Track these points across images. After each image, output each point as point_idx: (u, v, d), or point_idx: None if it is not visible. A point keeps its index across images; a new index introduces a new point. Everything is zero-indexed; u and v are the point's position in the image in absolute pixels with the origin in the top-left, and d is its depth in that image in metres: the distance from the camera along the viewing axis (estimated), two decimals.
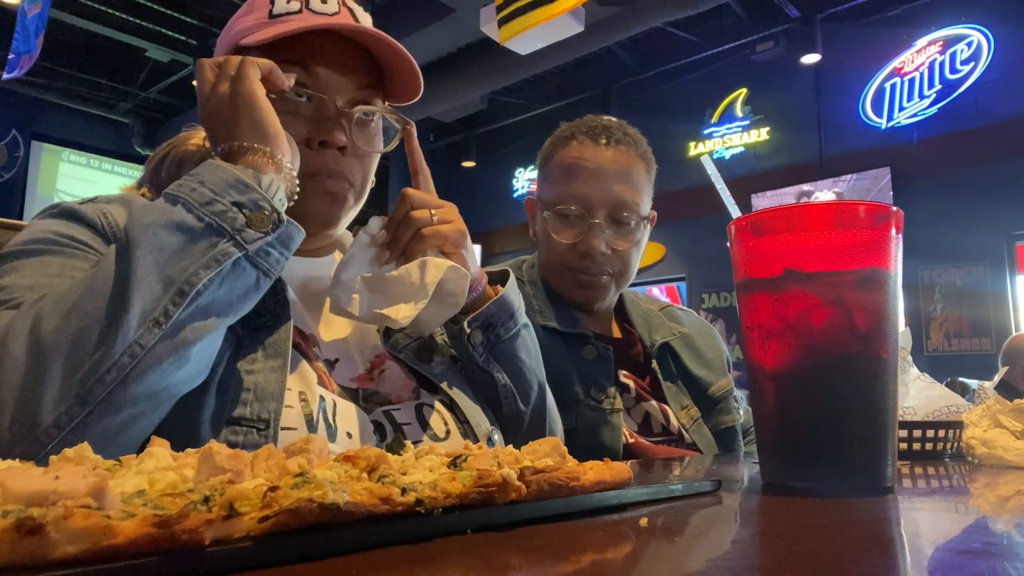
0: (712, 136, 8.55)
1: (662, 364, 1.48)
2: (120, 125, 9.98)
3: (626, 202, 1.40)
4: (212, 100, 0.79)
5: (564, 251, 1.42)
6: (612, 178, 1.40)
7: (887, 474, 0.67)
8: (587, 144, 1.42)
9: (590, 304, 1.47)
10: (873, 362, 0.67)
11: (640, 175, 1.45)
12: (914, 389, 1.13)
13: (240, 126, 0.77)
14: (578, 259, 1.41)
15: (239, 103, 0.77)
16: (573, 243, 1.40)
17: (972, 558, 0.42)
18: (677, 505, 0.60)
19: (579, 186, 1.40)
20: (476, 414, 0.93)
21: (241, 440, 0.74)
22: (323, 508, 0.38)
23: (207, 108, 0.80)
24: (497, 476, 0.47)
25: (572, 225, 1.41)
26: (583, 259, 1.40)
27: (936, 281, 6.92)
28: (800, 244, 0.68)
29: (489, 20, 5.37)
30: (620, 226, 1.42)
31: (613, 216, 1.40)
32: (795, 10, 7.35)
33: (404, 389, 0.92)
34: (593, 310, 1.49)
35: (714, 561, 0.43)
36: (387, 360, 0.95)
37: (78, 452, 0.45)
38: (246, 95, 0.77)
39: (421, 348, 0.98)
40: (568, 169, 1.42)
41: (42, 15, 5.45)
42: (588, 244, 1.39)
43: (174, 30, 8.06)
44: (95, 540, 0.32)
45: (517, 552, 0.42)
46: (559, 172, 1.44)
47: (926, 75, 7.14)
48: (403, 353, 0.96)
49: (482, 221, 10.08)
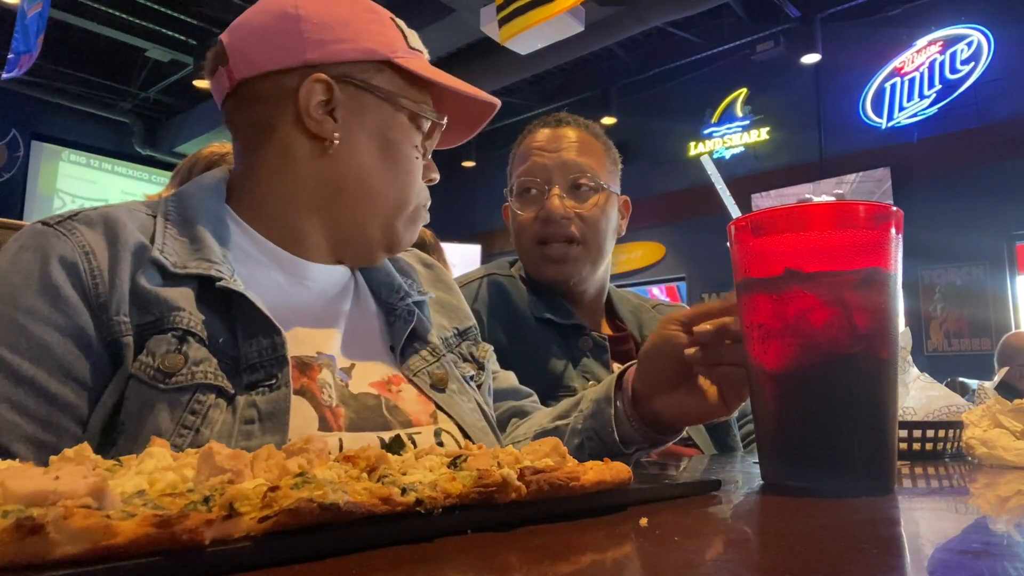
0: (712, 136, 8.55)
1: None
2: (120, 125, 9.98)
3: (580, 166, 1.43)
4: None
5: (528, 225, 1.44)
6: (565, 148, 1.45)
7: (887, 474, 0.67)
8: (542, 129, 1.49)
9: (566, 281, 1.46)
10: (873, 362, 0.67)
11: (595, 149, 1.48)
12: (914, 389, 1.13)
13: None
14: (541, 227, 1.42)
15: None
16: (535, 215, 1.43)
17: (972, 558, 0.42)
18: (677, 505, 0.60)
19: (535, 160, 1.45)
20: (485, 438, 0.92)
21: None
22: (323, 508, 0.38)
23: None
24: (497, 476, 0.47)
25: (533, 200, 1.45)
26: (545, 226, 1.42)
27: (936, 281, 6.92)
28: (800, 244, 0.68)
29: (489, 20, 5.37)
30: (578, 191, 1.44)
31: (571, 183, 1.43)
32: (795, 10, 7.35)
33: (422, 413, 0.89)
34: (577, 292, 1.48)
35: (714, 561, 0.43)
36: (402, 382, 0.92)
37: (78, 452, 0.45)
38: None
39: (437, 373, 0.95)
40: (525, 153, 1.47)
41: (42, 15, 5.45)
42: (547, 208, 1.41)
43: (174, 30, 8.06)
44: (95, 540, 0.32)
45: (517, 552, 0.42)
46: (519, 159, 1.49)
47: (926, 75, 7.14)
48: (418, 377, 0.93)
49: (482, 221, 10.08)
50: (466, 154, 10.47)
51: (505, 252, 10.18)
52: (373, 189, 0.91)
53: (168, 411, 0.71)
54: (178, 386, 0.72)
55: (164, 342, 0.73)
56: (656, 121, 8.81)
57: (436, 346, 0.98)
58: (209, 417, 0.73)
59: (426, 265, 1.15)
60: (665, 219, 8.37)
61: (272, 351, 0.77)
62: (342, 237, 0.93)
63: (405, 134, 0.92)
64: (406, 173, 0.93)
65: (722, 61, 8.22)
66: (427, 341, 0.97)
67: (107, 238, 0.77)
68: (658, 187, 8.44)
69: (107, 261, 0.76)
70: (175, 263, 0.78)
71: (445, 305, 1.09)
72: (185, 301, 0.76)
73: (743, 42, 7.84)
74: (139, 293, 0.75)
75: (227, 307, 0.79)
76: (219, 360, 0.75)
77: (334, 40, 0.88)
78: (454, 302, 1.12)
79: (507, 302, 1.46)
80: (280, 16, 0.88)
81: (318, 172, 0.89)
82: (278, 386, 0.76)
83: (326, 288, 0.93)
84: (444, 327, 1.05)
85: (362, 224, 0.92)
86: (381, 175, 0.91)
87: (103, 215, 0.80)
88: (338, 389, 0.84)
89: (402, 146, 0.92)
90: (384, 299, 0.99)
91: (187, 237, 0.82)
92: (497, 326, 1.42)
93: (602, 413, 0.91)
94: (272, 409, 0.75)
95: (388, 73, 0.91)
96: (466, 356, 1.05)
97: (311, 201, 0.90)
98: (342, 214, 0.91)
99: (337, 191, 0.90)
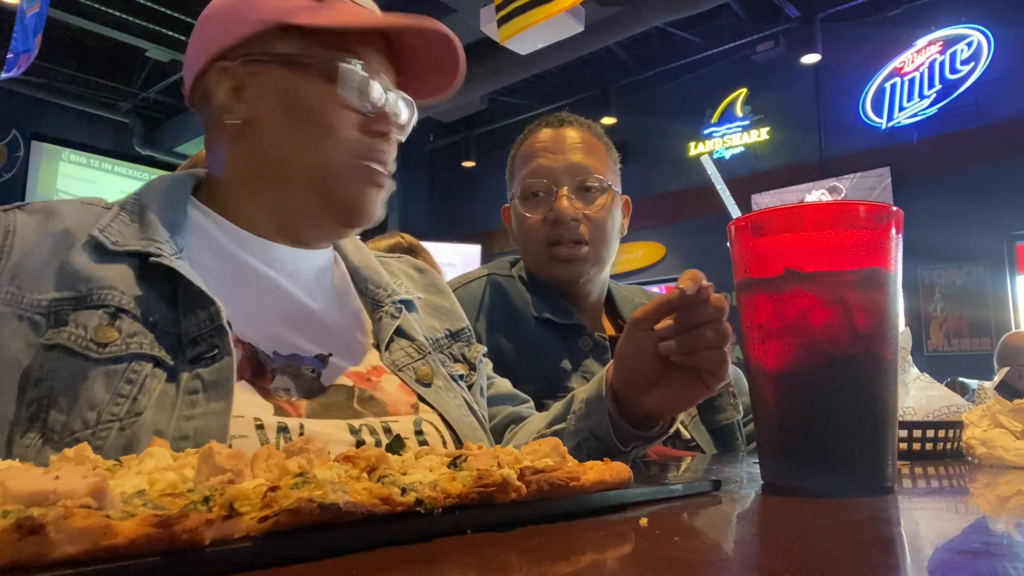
0: (712, 136, 8.54)
1: None
2: (120, 125, 9.97)
3: (587, 168, 1.44)
4: None
5: (537, 227, 1.44)
6: (571, 150, 1.45)
7: (887, 474, 0.67)
8: (544, 130, 1.49)
9: (574, 281, 1.46)
10: (873, 362, 0.67)
11: (599, 149, 1.49)
12: (914, 389, 1.13)
13: None
14: (550, 229, 1.43)
15: None
16: (543, 216, 1.43)
17: (972, 558, 0.42)
18: (677, 505, 0.59)
19: (541, 162, 1.45)
20: (473, 434, 0.91)
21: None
22: (323, 508, 0.38)
23: None
24: (497, 476, 0.47)
25: (540, 202, 1.45)
26: (555, 228, 1.42)
27: (936, 281, 6.92)
28: (800, 244, 0.68)
29: (489, 20, 5.37)
30: (586, 193, 1.44)
31: (577, 184, 1.44)
32: (795, 10, 7.35)
33: (403, 403, 0.88)
34: (581, 292, 1.49)
35: (714, 561, 0.43)
36: (384, 374, 0.91)
37: (78, 452, 0.45)
38: None
39: (422, 369, 0.94)
40: (529, 154, 1.47)
41: (40, 15, 5.44)
42: (557, 210, 1.41)
43: (174, 30, 8.05)
44: (95, 540, 0.32)
45: (517, 552, 0.42)
46: (522, 160, 1.49)
47: (926, 75, 7.14)
48: (403, 372, 0.92)
49: (482, 221, 10.07)
50: (466, 154, 10.47)
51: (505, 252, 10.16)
52: (290, 158, 0.88)
53: (103, 380, 0.71)
54: (112, 355, 0.73)
55: (95, 317, 0.74)
56: (656, 121, 8.81)
57: (422, 344, 0.97)
58: (147, 386, 0.73)
59: (418, 270, 1.15)
60: (665, 219, 8.37)
61: (209, 322, 0.77)
62: (288, 215, 0.91)
63: (315, 92, 0.87)
64: (325, 131, 0.88)
65: (722, 61, 8.21)
66: (413, 339, 0.97)
67: (38, 223, 0.81)
68: (658, 187, 8.44)
69: (26, 242, 0.78)
70: (115, 242, 0.80)
71: (437, 308, 1.09)
72: (120, 279, 0.78)
73: (743, 42, 7.84)
74: (66, 271, 0.77)
75: (172, 288, 0.80)
76: (160, 337, 0.76)
77: (228, 26, 0.90)
78: (446, 305, 1.11)
79: (507, 302, 1.46)
80: (196, 29, 0.94)
81: (244, 156, 0.90)
82: (220, 355, 0.76)
83: (297, 271, 0.93)
84: (435, 328, 1.05)
85: (297, 197, 0.90)
86: (295, 142, 0.88)
87: (47, 205, 0.84)
88: (305, 382, 0.84)
89: (313, 105, 0.87)
90: (371, 296, 0.99)
91: (137, 221, 0.84)
92: (497, 326, 1.41)
93: (596, 412, 0.91)
94: (215, 378, 0.75)
95: (293, 37, 0.88)
96: (457, 357, 1.04)
97: (249, 185, 0.91)
98: (276, 192, 0.90)
99: (261, 170, 0.90)
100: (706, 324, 0.81)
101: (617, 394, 0.90)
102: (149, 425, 0.71)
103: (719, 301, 0.82)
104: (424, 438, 0.85)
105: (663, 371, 0.86)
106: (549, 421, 1.00)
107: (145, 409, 0.72)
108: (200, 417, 0.72)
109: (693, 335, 0.82)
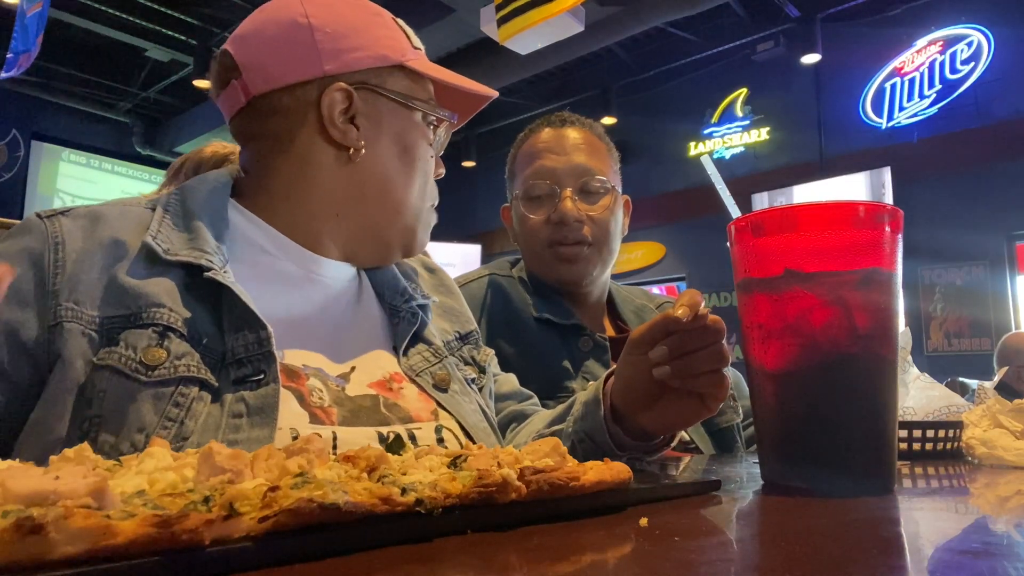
0: (712, 136, 8.54)
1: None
2: (120, 125, 9.97)
3: (590, 169, 1.44)
4: None
5: (540, 228, 1.44)
6: (573, 150, 1.45)
7: (887, 474, 0.67)
8: (546, 129, 1.49)
9: (577, 282, 1.46)
10: (873, 362, 0.67)
11: (601, 150, 1.50)
12: (914, 389, 1.13)
13: None
14: (554, 231, 1.43)
15: None
16: (547, 217, 1.43)
17: (972, 558, 0.42)
18: (677, 505, 0.59)
19: (543, 163, 1.45)
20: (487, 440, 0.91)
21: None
22: (323, 508, 0.38)
23: None
24: (497, 476, 0.47)
25: (543, 203, 1.45)
26: (559, 228, 1.42)
27: (936, 281, 6.92)
28: (800, 244, 0.68)
29: (489, 20, 5.36)
30: (589, 195, 1.45)
31: (580, 185, 1.44)
32: (795, 10, 7.34)
33: (423, 410, 0.89)
34: (582, 293, 1.49)
35: (714, 561, 0.43)
36: (404, 381, 0.91)
37: (78, 452, 0.45)
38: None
39: (439, 374, 0.95)
40: (531, 154, 1.48)
41: (41, 14, 5.45)
42: (560, 211, 1.42)
43: (174, 30, 8.05)
44: (95, 540, 0.32)
45: (517, 552, 0.42)
46: (524, 160, 1.49)
47: (926, 75, 7.13)
48: (421, 377, 0.92)
49: (482, 221, 10.07)
50: (466, 154, 10.47)
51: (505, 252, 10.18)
52: (395, 194, 0.93)
53: (152, 403, 0.71)
54: (161, 379, 0.72)
55: (144, 336, 0.74)
56: (656, 121, 8.81)
57: (439, 347, 0.98)
58: (193, 410, 0.73)
59: (429, 269, 1.15)
60: (665, 219, 8.37)
61: (258, 346, 0.77)
62: (360, 241, 0.94)
63: (421, 135, 0.94)
64: (423, 174, 0.96)
65: (722, 61, 8.21)
66: (430, 343, 0.98)
67: (85, 231, 0.79)
68: (658, 187, 8.44)
69: (77, 252, 0.77)
70: (167, 250, 0.79)
71: (447, 309, 1.09)
72: (167, 296, 0.77)
73: (743, 42, 7.84)
74: (115, 286, 0.76)
75: (216, 299, 0.79)
76: (204, 354, 0.76)
77: (349, 48, 0.88)
78: (456, 306, 1.12)
79: (507, 303, 1.45)
80: (292, 27, 0.87)
81: (341, 180, 0.90)
82: (267, 381, 0.76)
83: (333, 282, 0.93)
84: (446, 331, 1.05)
85: (383, 228, 0.94)
86: (402, 179, 0.93)
87: (91, 210, 0.82)
88: (332, 392, 0.83)
89: (419, 148, 0.94)
90: (388, 300, 0.99)
91: (184, 228, 0.83)
92: (498, 327, 1.41)
93: (592, 416, 0.90)
94: (261, 404, 0.75)
95: (399, 76, 0.92)
96: (467, 359, 1.05)
97: (333, 207, 0.90)
98: (364, 219, 0.92)
99: (360, 198, 0.91)
100: (703, 349, 0.79)
101: (616, 409, 0.89)
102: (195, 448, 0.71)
103: (717, 323, 0.79)
104: (445, 446, 0.85)
105: (661, 391, 0.84)
106: (549, 422, 1.01)
107: (192, 433, 0.72)
108: (244, 442, 0.72)
109: (689, 361, 0.80)
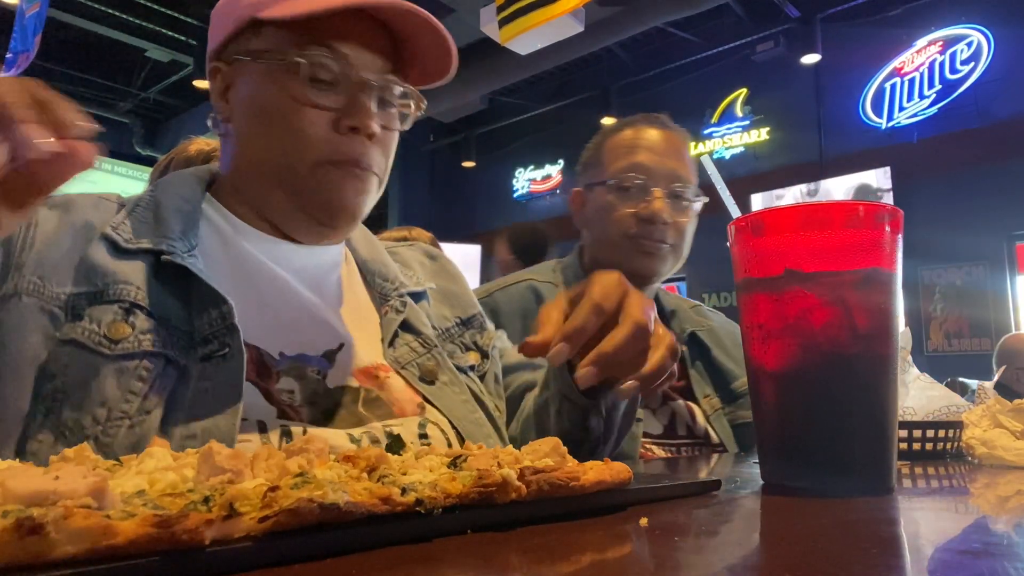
0: (712, 136, 8.54)
1: (689, 351, 1.52)
2: (120, 125, 9.98)
3: (683, 177, 1.49)
4: None
5: (625, 220, 1.47)
6: (669, 154, 1.50)
7: (887, 474, 0.67)
8: (644, 127, 1.53)
9: (650, 275, 1.49)
10: (873, 362, 0.67)
11: (690, 162, 1.54)
12: (914, 389, 1.13)
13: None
14: (640, 226, 1.46)
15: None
16: (634, 211, 1.46)
17: (972, 558, 0.42)
18: (677, 505, 0.59)
19: (640, 158, 1.48)
20: (478, 431, 0.90)
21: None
22: (323, 508, 0.38)
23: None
24: (497, 476, 0.47)
25: (633, 196, 1.48)
26: (646, 225, 1.45)
27: (936, 281, 6.92)
28: (800, 244, 0.68)
29: (489, 20, 5.37)
30: (678, 200, 1.49)
31: (671, 189, 1.48)
32: (795, 10, 7.34)
33: (408, 402, 0.87)
34: (649, 283, 1.52)
35: (714, 561, 0.43)
36: (390, 371, 0.90)
37: (78, 452, 0.45)
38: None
39: (427, 365, 0.92)
40: (628, 146, 1.51)
41: (40, 15, 5.44)
42: (651, 209, 1.45)
43: (174, 30, 8.06)
44: (95, 540, 0.32)
45: (517, 552, 0.42)
46: (619, 150, 1.52)
47: (926, 75, 7.13)
48: (406, 369, 0.91)
49: (482, 221, 10.08)
50: (466, 154, 10.47)
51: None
52: (258, 160, 0.87)
53: (115, 377, 0.72)
54: (125, 352, 0.73)
55: (110, 312, 0.74)
56: None
57: (428, 337, 0.96)
58: (157, 384, 0.73)
59: (430, 257, 1.14)
60: None
61: (221, 320, 0.77)
62: (271, 216, 0.91)
63: (280, 88, 0.83)
64: (289, 130, 0.83)
65: (722, 61, 8.21)
66: (419, 332, 0.95)
67: (57, 215, 0.81)
68: None
69: (48, 234, 0.78)
70: (127, 239, 0.80)
71: (448, 294, 1.07)
72: (135, 275, 0.78)
73: (743, 42, 7.84)
74: (86, 264, 0.77)
75: (185, 285, 0.80)
76: (172, 334, 0.76)
77: (216, 25, 0.91)
78: (457, 290, 1.09)
79: None
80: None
81: (233, 160, 0.91)
82: (231, 355, 0.76)
83: (304, 267, 0.92)
84: (446, 317, 1.03)
85: (272, 199, 0.88)
86: (260, 141, 0.86)
87: (66, 198, 0.83)
88: (309, 383, 0.83)
89: (278, 102, 0.83)
90: (377, 289, 0.98)
91: (152, 220, 0.84)
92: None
93: (560, 374, 0.85)
94: (225, 378, 0.75)
95: (268, 32, 0.85)
96: (469, 345, 1.03)
97: (244, 189, 0.91)
98: (255, 193, 0.90)
99: (239, 171, 0.91)
100: (629, 356, 0.72)
101: (571, 362, 0.79)
102: (158, 423, 0.71)
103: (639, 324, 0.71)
104: (428, 441, 0.84)
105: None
106: (540, 388, 0.96)
107: (155, 407, 0.72)
108: (208, 417, 0.72)
109: (622, 369, 0.73)
